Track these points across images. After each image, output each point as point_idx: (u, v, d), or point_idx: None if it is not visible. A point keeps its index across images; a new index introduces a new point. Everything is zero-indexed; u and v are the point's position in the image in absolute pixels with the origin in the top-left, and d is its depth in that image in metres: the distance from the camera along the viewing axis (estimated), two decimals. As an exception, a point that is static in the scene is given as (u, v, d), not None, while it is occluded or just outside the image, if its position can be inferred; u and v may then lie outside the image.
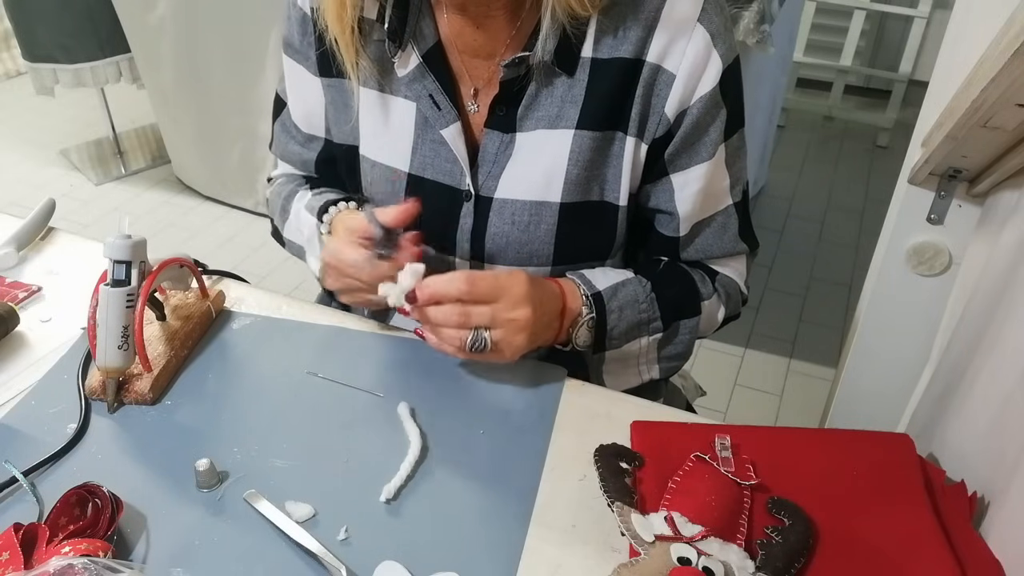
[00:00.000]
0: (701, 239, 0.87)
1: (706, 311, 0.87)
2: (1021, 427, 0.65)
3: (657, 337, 0.85)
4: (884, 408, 1.19)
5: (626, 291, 0.82)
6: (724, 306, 0.90)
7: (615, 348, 0.83)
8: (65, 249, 1.00)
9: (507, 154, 0.81)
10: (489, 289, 0.74)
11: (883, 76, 3.41)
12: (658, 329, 0.84)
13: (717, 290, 0.88)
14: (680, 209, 0.84)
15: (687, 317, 0.86)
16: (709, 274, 0.89)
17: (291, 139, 0.95)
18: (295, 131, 0.94)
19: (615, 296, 0.82)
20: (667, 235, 0.86)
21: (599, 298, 0.81)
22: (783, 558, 0.61)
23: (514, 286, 0.74)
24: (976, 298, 0.88)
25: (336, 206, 0.86)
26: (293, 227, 0.93)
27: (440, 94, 0.81)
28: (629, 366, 0.86)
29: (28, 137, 3.22)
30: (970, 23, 0.93)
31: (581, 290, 0.81)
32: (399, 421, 0.75)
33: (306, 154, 0.94)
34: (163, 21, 2.41)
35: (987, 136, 0.80)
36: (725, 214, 0.86)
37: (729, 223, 0.87)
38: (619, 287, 0.82)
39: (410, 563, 0.62)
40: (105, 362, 0.74)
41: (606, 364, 0.85)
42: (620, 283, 0.83)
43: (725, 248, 0.88)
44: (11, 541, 0.58)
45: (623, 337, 0.83)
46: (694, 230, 0.86)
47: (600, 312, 0.81)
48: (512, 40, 0.80)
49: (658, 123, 0.79)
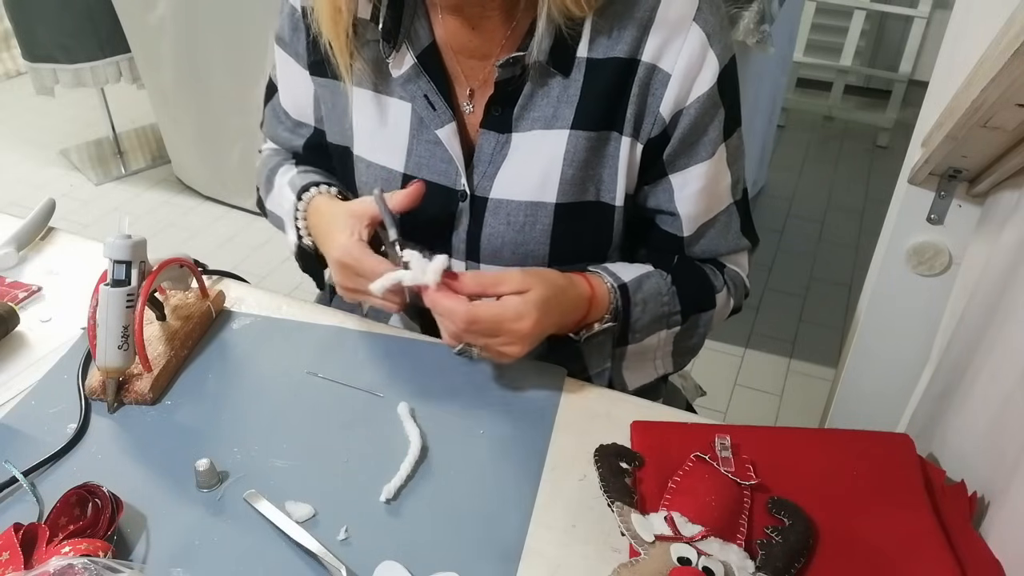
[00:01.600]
0: (707, 239, 0.87)
1: (719, 304, 0.88)
2: (1021, 427, 0.65)
3: (675, 331, 0.85)
4: (884, 408, 1.19)
5: (650, 283, 0.83)
6: (733, 299, 0.91)
7: (636, 342, 0.84)
8: (65, 249, 1.00)
9: (503, 154, 0.81)
10: (490, 326, 0.73)
11: (883, 76, 3.41)
12: (677, 323, 0.85)
13: (727, 283, 0.89)
14: (681, 209, 0.84)
15: (704, 310, 0.87)
16: (718, 267, 0.90)
17: (280, 124, 0.96)
18: (284, 117, 0.95)
19: (640, 288, 0.82)
20: (672, 233, 0.87)
21: (624, 289, 0.81)
22: (783, 558, 0.61)
23: (518, 326, 0.73)
24: (976, 298, 0.88)
25: (317, 188, 0.87)
26: (275, 200, 0.94)
27: (435, 94, 0.81)
28: (646, 360, 0.87)
29: (28, 137, 3.22)
30: (970, 23, 0.93)
31: (610, 288, 0.81)
32: (399, 421, 0.75)
33: (295, 140, 0.95)
34: (163, 21, 2.41)
35: (987, 136, 0.80)
36: (728, 213, 0.87)
37: (732, 221, 0.87)
38: (643, 279, 0.83)
39: (410, 563, 0.62)
40: (105, 362, 0.74)
41: (626, 360, 0.85)
42: (644, 275, 0.83)
43: (729, 245, 0.89)
44: (11, 541, 0.58)
45: (645, 331, 0.83)
46: (700, 231, 0.86)
47: (625, 305, 0.81)
48: (507, 41, 0.80)
49: (653, 123, 0.79)
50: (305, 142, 0.94)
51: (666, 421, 0.76)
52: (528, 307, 0.73)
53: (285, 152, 0.99)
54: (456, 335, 0.74)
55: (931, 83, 1.07)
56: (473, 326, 0.72)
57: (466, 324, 0.72)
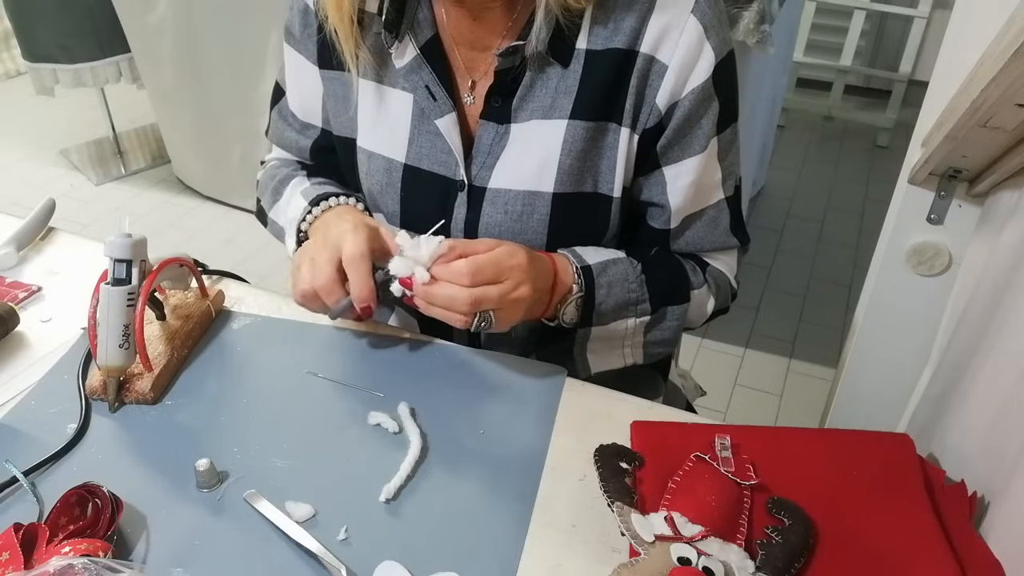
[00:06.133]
0: (691, 232, 0.87)
1: (695, 300, 0.87)
2: (1021, 427, 0.65)
3: (644, 320, 0.85)
4: (884, 408, 1.19)
5: (616, 269, 0.83)
6: (714, 298, 0.90)
7: (602, 325, 0.83)
8: (65, 249, 1.00)
9: (501, 145, 0.82)
10: (494, 272, 0.73)
11: (883, 76, 3.41)
12: (646, 312, 0.85)
13: (707, 281, 0.89)
14: (672, 201, 0.84)
15: (675, 303, 0.86)
16: (700, 264, 0.90)
17: (288, 126, 0.96)
18: (292, 119, 0.95)
19: (605, 272, 0.82)
20: (657, 228, 0.87)
21: (588, 271, 0.81)
22: (783, 558, 0.61)
23: (516, 264, 0.74)
24: (976, 298, 0.88)
25: (337, 199, 0.87)
26: (280, 209, 0.93)
27: (436, 85, 0.81)
28: (614, 347, 0.87)
29: (28, 137, 3.22)
30: (970, 23, 0.93)
31: (573, 265, 0.81)
32: (399, 421, 0.75)
33: (302, 141, 0.95)
34: (163, 21, 2.41)
35: (987, 136, 0.80)
36: (716, 208, 0.87)
37: (720, 217, 0.87)
38: (609, 264, 0.83)
39: (410, 563, 0.62)
40: (106, 361, 0.74)
41: (591, 342, 0.85)
42: (611, 260, 0.83)
43: (716, 242, 0.89)
44: (11, 541, 0.58)
45: (610, 315, 0.83)
46: (684, 223, 0.86)
47: (589, 286, 0.81)
48: (508, 32, 0.80)
49: (649, 114, 0.79)
50: (312, 144, 0.94)
51: (666, 421, 0.76)
52: (513, 247, 0.74)
53: (293, 163, 0.98)
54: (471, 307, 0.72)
55: (931, 83, 1.07)
56: (478, 276, 0.71)
57: (471, 276, 0.71)
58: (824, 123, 3.50)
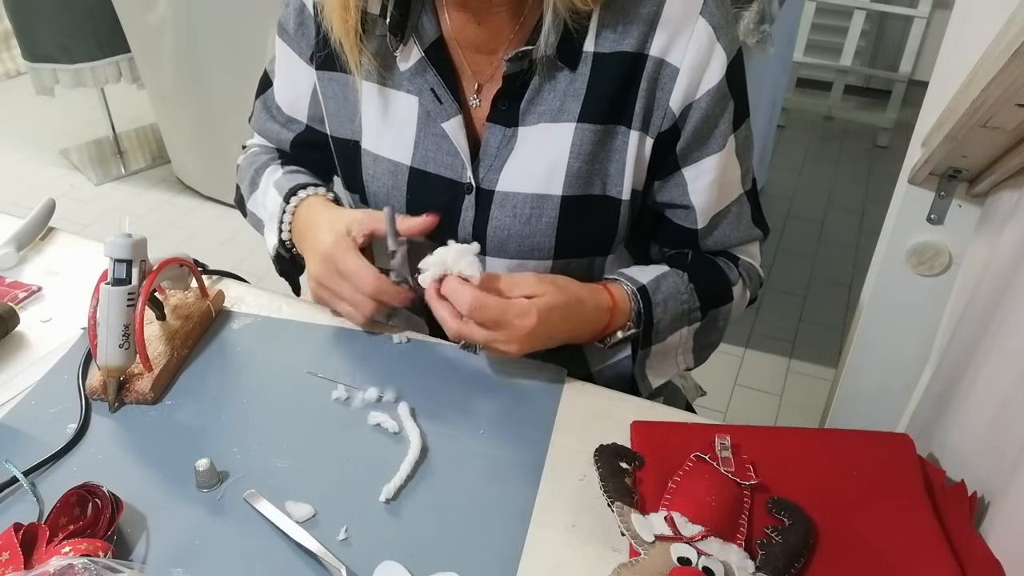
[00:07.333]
0: (720, 230, 0.88)
1: (736, 296, 0.89)
2: (1021, 427, 0.65)
3: (696, 327, 0.86)
4: (884, 408, 1.19)
5: (667, 283, 0.84)
6: (749, 290, 0.92)
7: (660, 342, 0.84)
8: (65, 249, 1.00)
9: (509, 148, 0.82)
10: (494, 318, 0.73)
11: (883, 76, 3.41)
12: (697, 318, 0.86)
13: (742, 275, 0.90)
14: (696, 201, 0.84)
15: (722, 304, 0.87)
16: (732, 260, 0.91)
17: (271, 118, 0.96)
18: (276, 111, 0.95)
19: (659, 289, 0.83)
20: (685, 227, 0.87)
21: (644, 291, 0.82)
22: (783, 558, 0.61)
23: (520, 325, 0.74)
24: (976, 298, 0.88)
25: (305, 190, 0.88)
26: (259, 201, 0.95)
27: (442, 88, 0.81)
28: (669, 357, 0.88)
29: (28, 137, 3.22)
30: (970, 23, 0.93)
31: (627, 289, 0.82)
32: (399, 421, 0.75)
33: (284, 134, 0.96)
34: (163, 21, 2.41)
35: (987, 136, 0.80)
36: (739, 203, 0.88)
37: (743, 212, 0.89)
38: (661, 280, 0.84)
39: (410, 563, 0.62)
40: (106, 361, 0.74)
41: (650, 359, 0.86)
42: (660, 275, 0.84)
43: (741, 236, 0.90)
44: (11, 541, 0.58)
45: (667, 330, 0.84)
46: (713, 222, 0.87)
47: (647, 306, 0.82)
48: (515, 36, 0.80)
49: (663, 117, 0.79)
50: (294, 138, 0.95)
51: (666, 421, 0.76)
52: (532, 309, 0.74)
53: (271, 150, 0.99)
54: (458, 327, 0.74)
55: (931, 83, 1.07)
56: (475, 313, 0.73)
57: (470, 308, 0.72)
58: (824, 123, 3.50)
